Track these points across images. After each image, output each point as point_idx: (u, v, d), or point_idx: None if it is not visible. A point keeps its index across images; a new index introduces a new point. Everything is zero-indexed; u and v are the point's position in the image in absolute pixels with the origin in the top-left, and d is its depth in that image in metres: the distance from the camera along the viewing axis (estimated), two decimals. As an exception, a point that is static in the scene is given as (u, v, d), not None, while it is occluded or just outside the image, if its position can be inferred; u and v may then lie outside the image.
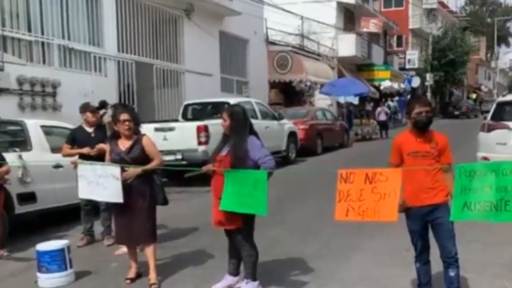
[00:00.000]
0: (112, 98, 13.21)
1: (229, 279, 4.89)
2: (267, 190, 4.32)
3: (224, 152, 4.65)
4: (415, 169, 4.08)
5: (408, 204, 4.12)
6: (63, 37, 12.27)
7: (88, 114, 6.77)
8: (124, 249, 5.83)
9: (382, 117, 24.65)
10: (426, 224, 4.15)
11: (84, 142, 6.57)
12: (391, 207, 3.93)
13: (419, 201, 4.09)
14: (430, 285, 4.32)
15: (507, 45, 76.44)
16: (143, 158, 5.08)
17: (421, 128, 4.10)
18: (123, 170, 4.96)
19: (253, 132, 4.74)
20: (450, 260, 4.08)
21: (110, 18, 13.60)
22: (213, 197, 4.70)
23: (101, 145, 6.24)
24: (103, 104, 10.55)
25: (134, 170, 4.99)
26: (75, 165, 5.64)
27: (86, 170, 5.15)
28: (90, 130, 6.75)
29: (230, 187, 4.46)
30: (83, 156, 6.35)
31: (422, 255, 4.27)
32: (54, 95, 11.68)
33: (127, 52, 14.32)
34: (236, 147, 4.56)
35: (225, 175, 4.50)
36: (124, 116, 5.07)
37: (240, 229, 4.62)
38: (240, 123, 4.65)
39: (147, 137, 5.28)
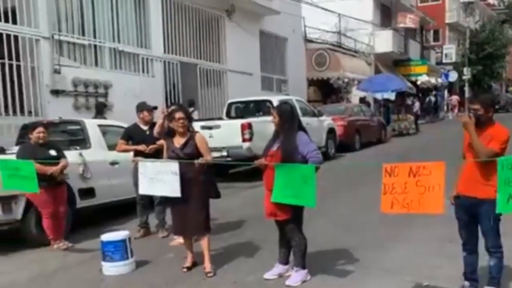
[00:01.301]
0: (159, 98, 13.66)
1: (279, 268, 5.10)
2: (315, 183, 4.50)
3: (275, 148, 4.87)
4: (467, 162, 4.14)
5: (457, 192, 4.22)
6: (114, 40, 12.71)
7: (145, 113, 7.02)
8: (179, 240, 6.13)
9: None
10: (473, 214, 4.19)
11: (140, 139, 6.83)
12: (436, 200, 4.00)
13: (466, 191, 4.18)
14: (475, 275, 4.38)
15: (547, 37, 73.87)
16: (197, 154, 5.32)
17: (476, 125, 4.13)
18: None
19: (301, 128, 4.94)
20: (490, 250, 4.17)
21: (156, 21, 13.99)
22: (265, 190, 4.92)
23: (161, 142, 6.38)
24: (192, 103, 12.58)
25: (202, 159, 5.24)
26: (136, 162, 5.88)
27: (147, 167, 5.40)
28: (145, 128, 7.00)
29: (280, 180, 4.66)
30: (138, 153, 6.65)
31: (466, 245, 4.34)
32: (106, 95, 12.13)
33: (172, 53, 14.69)
34: (285, 143, 4.78)
35: (276, 169, 4.71)
36: (179, 115, 5.34)
37: (291, 219, 4.82)
38: (288, 120, 4.86)
39: (199, 134, 5.54)
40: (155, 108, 7.25)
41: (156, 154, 6.49)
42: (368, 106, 22.44)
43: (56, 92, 10.94)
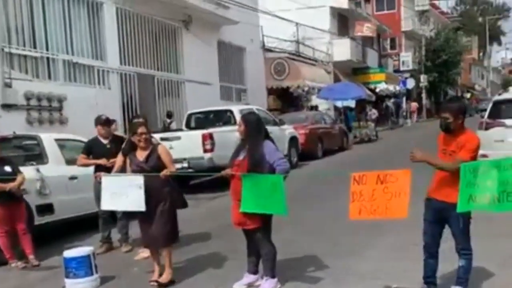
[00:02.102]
0: (116, 110, 13.53)
1: (249, 277, 5.13)
2: (284, 191, 4.59)
3: (241, 157, 4.92)
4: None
5: (429, 195, 4.39)
6: (67, 52, 12.53)
7: (99, 127, 6.99)
8: (143, 254, 6.12)
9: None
10: (441, 217, 4.34)
11: (101, 153, 6.78)
12: (401, 205, 4.21)
13: (437, 195, 4.34)
14: (434, 278, 4.52)
15: (499, 43, 77.10)
16: (160, 166, 5.34)
17: (442, 131, 4.35)
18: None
19: (268, 137, 5.02)
20: (460, 252, 4.34)
21: (111, 32, 13.88)
22: (233, 200, 4.96)
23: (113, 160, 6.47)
24: (170, 114, 13.27)
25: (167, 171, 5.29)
26: (99, 177, 5.80)
27: (110, 181, 5.39)
28: (105, 141, 6.96)
29: (248, 190, 4.72)
30: (99, 167, 6.60)
31: (427, 247, 4.48)
32: (60, 109, 11.93)
33: (129, 65, 14.59)
34: (252, 152, 4.84)
35: (243, 179, 4.76)
36: (141, 129, 5.37)
37: (260, 228, 4.87)
38: (254, 129, 4.93)
39: (162, 146, 5.58)
40: (110, 121, 7.14)
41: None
42: (346, 116, 22.98)
43: (7, 106, 10.69)
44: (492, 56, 73.96)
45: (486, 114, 10.52)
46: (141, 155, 5.40)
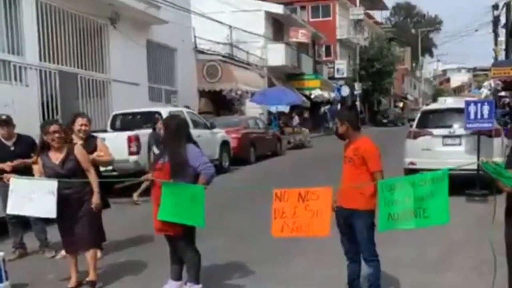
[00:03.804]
0: (35, 109, 13.06)
1: (172, 284, 5.10)
2: (204, 203, 4.61)
3: (162, 160, 4.91)
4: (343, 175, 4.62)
5: (336, 203, 4.56)
6: (-21, 45, 12.00)
7: None
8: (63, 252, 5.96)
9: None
10: (349, 224, 4.54)
11: (4, 156, 6.43)
12: (323, 223, 4.30)
13: (343, 202, 4.56)
14: (357, 282, 4.71)
15: (431, 55, 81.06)
16: (79, 169, 5.24)
17: (338, 137, 4.72)
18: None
19: (191, 140, 5.03)
20: (366, 259, 4.56)
21: (30, 26, 13.37)
22: (154, 205, 4.92)
23: (21, 161, 6.34)
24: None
25: (97, 200, 5.26)
26: (7, 179, 5.51)
27: (20, 184, 5.21)
28: (9, 143, 6.61)
29: (168, 198, 4.69)
30: (5, 172, 6.16)
31: (347, 253, 4.70)
32: (-30, 105, 11.37)
33: (49, 61, 14.11)
34: (173, 155, 4.83)
35: (163, 186, 4.73)
36: (53, 128, 5.24)
37: (182, 235, 4.85)
38: (173, 133, 4.94)
39: (78, 147, 5.46)
40: (11, 121, 6.75)
41: (26, 171, 6.26)
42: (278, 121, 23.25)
43: None
44: (424, 67, 77.53)
45: (415, 123, 11.02)
46: (56, 157, 5.27)
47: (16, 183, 5.27)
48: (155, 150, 9.73)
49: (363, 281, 4.70)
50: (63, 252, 5.79)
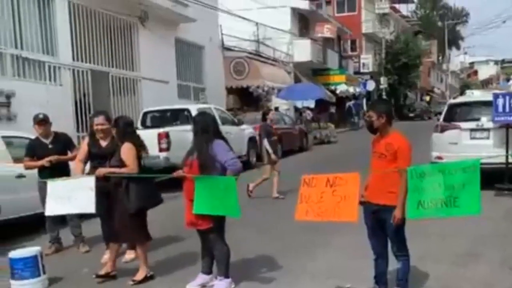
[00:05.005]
0: (68, 107, 13.33)
1: (202, 277, 5.18)
2: (237, 194, 4.65)
3: (192, 157, 4.97)
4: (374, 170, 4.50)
5: (364, 198, 4.51)
6: (16, 47, 12.23)
7: (35, 127, 6.75)
8: (130, 256, 6.17)
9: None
10: (378, 220, 4.47)
11: (43, 154, 6.60)
12: (351, 208, 4.29)
13: (372, 198, 4.48)
14: (384, 278, 4.67)
15: (458, 48, 79.60)
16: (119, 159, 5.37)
17: (368, 129, 4.59)
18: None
19: (220, 136, 5.07)
20: (396, 254, 4.50)
21: (64, 27, 13.61)
22: (185, 200, 4.99)
23: (57, 157, 6.53)
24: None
25: (102, 171, 5.38)
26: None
27: (57, 187, 5.37)
28: (46, 141, 6.76)
29: (201, 192, 4.76)
30: (44, 168, 6.49)
31: (375, 249, 4.65)
32: (8, 105, 11.61)
33: (82, 61, 14.35)
34: (201, 152, 4.90)
35: (195, 180, 4.80)
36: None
37: (212, 229, 4.92)
38: (200, 129, 4.99)
39: (126, 143, 5.51)
40: (48, 119, 6.89)
41: (63, 168, 6.51)
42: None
43: (-49, 102, 10.39)
44: (451, 60, 76.25)
45: (442, 117, 10.85)
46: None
47: (53, 186, 5.42)
48: (266, 143, 9.83)
49: (391, 276, 4.66)
50: (130, 255, 6.00)
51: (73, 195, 5.21)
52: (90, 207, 5.14)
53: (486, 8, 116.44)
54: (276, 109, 23.94)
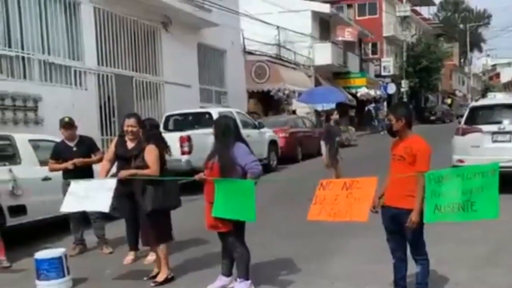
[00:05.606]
0: (93, 111, 13.52)
1: (222, 280, 5.20)
2: (254, 198, 4.66)
3: (213, 160, 5.00)
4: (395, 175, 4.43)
5: (383, 202, 4.49)
6: (43, 52, 12.45)
7: (62, 130, 6.90)
8: (151, 257, 6.20)
9: None
10: (398, 223, 4.41)
11: (67, 156, 6.74)
12: (363, 209, 4.28)
13: (391, 202, 4.45)
14: (404, 281, 4.64)
15: (480, 50, 78.51)
16: (143, 160, 5.44)
17: (387, 132, 4.58)
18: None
19: (241, 139, 5.10)
20: (415, 258, 4.47)
21: (89, 33, 13.83)
22: (206, 202, 5.03)
23: (82, 160, 6.67)
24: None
25: (125, 173, 5.49)
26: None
27: (79, 187, 5.48)
28: (71, 144, 6.89)
29: (221, 195, 4.80)
30: (68, 170, 6.62)
31: (394, 252, 4.61)
32: (35, 109, 11.84)
33: (106, 65, 14.54)
34: (222, 155, 4.93)
35: (216, 183, 4.84)
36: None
37: (232, 231, 4.94)
38: (221, 132, 5.02)
39: (149, 146, 5.56)
40: (73, 123, 7.01)
41: (88, 171, 6.67)
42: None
43: (-19, 106, 10.61)
44: (473, 62, 75.22)
45: (463, 120, 10.71)
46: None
47: (75, 186, 5.52)
48: (323, 145, 10.31)
49: (411, 280, 4.62)
50: (151, 257, 6.08)
51: (91, 194, 5.31)
52: (104, 206, 5.22)
53: (508, 10, 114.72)
54: (294, 112, 23.95)
